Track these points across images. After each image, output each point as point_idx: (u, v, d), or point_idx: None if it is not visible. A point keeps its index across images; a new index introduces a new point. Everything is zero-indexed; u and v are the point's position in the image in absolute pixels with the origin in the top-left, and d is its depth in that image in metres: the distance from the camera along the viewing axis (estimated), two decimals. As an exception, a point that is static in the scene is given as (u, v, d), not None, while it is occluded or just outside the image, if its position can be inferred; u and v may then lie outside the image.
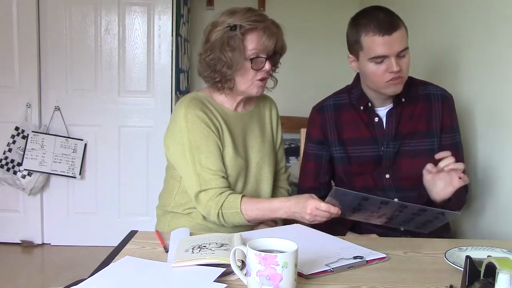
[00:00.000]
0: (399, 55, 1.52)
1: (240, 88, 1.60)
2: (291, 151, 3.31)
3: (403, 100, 1.63)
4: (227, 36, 1.52)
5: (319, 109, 1.73)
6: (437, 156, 1.48)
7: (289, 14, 3.82)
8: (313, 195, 1.47)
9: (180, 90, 3.54)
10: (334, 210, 1.41)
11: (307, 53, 3.92)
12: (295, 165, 3.08)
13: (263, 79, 1.60)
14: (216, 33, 1.54)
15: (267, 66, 1.57)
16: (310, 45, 3.95)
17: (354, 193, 1.37)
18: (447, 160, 1.45)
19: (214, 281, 1.04)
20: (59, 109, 3.40)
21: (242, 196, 1.54)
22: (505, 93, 1.66)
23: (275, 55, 1.60)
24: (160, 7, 3.38)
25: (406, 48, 1.53)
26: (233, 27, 1.52)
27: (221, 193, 1.54)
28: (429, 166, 1.49)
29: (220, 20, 1.55)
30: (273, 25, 1.57)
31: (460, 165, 1.45)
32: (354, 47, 1.57)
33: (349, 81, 1.74)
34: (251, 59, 1.54)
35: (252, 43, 1.53)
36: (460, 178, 1.43)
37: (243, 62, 1.54)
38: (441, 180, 1.46)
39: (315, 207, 1.42)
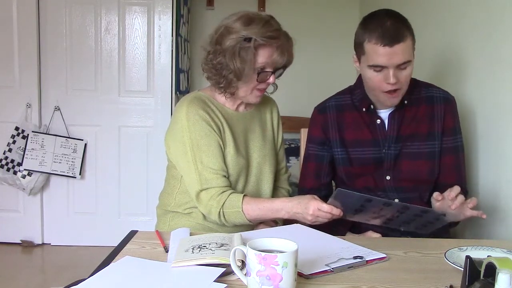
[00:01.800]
0: (400, 67, 1.49)
1: (240, 94, 1.61)
2: (291, 151, 3.30)
3: (405, 102, 1.62)
4: (239, 46, 1.51)
5: (321, 109, 1.73)
6: (448, 196, 1.41)
7: (289, 14, 3.82)
8: (315, 196, 1.47)
9: (180, 90, 3.54)
10: (336, 212, 1.41)
11: (308, 53, 3.91)
12: (295, 165, 3.08)
13: (263, 90, 1.61)
14: (230, 40, 1.52)
15: (271, 79, 1.58)
16: (310, 45, 3.94)
17: (358, 195, 1.36)
18: (458, 200, 1.39)
19: (214, 281, 1.04)
20: (59, 109, 3.40)
21: (244, 195, 1.54)
22: (507, 95, 1.66)
23: (280, 68, 1.60)
24: (160, 7, 3.38)
25: (408, 61, 1.49)
26: (247, 39, 1.51)
27: (222, 192, 1.54)
28: (436, 195, 1.44)
29: (235, 27, 1.53)
30: (286, 40, 1.57)
31: (474, 201, 1.42)
32: (358, 49, 1.56)
33: (350, 81, 1.73)
34: (258, 72, 1.55)
35: (263, 57, 1.53)
36: (470, 207, 1.41)
37: (250, 73, 1.54)
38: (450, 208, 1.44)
39: (317, 208, 1.42)
